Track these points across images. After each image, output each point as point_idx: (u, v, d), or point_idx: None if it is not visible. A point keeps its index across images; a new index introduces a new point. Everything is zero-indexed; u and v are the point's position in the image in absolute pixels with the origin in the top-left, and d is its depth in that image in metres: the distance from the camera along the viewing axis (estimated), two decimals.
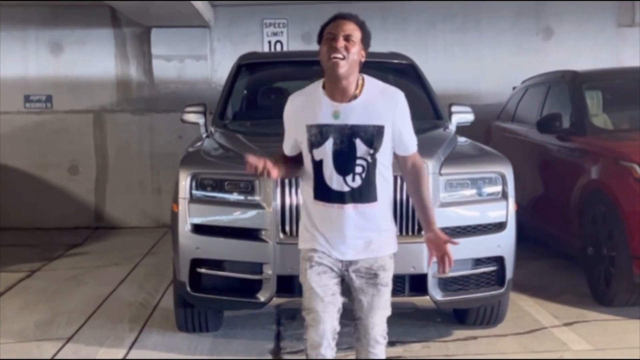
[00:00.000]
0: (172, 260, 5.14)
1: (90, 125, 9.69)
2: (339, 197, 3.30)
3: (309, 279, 3.39)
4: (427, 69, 6.95)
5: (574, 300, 6.03)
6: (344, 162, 3.27)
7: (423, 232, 4.53)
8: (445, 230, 4.68)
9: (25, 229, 9.32)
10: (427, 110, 6.32)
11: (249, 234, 4.71)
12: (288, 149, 3.51)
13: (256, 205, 4.69)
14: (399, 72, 6.77)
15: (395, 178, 4.55)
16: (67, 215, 9.61)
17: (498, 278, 4.95)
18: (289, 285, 4.67)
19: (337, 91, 3.27)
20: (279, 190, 4.63)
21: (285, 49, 9.60)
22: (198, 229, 4.81)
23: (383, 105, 3.30)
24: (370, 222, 3.35)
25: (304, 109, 3.35)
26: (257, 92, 6.78)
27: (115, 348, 5.05)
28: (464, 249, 4.78)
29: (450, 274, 4.79)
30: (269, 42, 9.67)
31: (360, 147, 3.26)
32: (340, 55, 3.20)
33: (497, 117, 8.89)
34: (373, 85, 3.35)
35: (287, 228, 4.63)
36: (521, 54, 9.73)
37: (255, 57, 7.33)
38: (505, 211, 4.91)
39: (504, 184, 4.93)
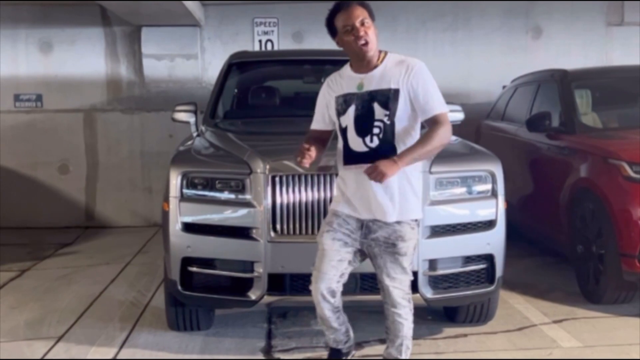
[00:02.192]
0: (163, 259, 5.14)
1: (81, 125, 9.68)
2: (359, 158, 3.66)
3: (323, 241, 3.81)
4: None
5: (563, 298, 6.06)
6: (364, 124, 3.65)
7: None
8: (436, 227, 4.76)
9: (16, 228, 9.30)
10: None
11: (240, 232, 4.71)
12: (317, 122, 3.96)
13: (247, 204, 4.69)
14: None
15: None
16: (58, 214, 9.59)
17: (488, 276, 4.97)
18: (280, 283, 4.69)
19: (361, 65, 3.77)
20: (269, 188, 4.63)
21: (276, 48, 9.61)
22: (189, 227, 4.80)
23: (398, 72, 3.70)
24: (388, 185, 3.62)
25: (335, 85, 3.85)
26: (247, 91, 6.78)
27: (106, 347, 5.04)
28: (454, 247, 4.85)
29: (441, 271, 4.83)
30: (260, 41, 9.67)
31: (378, 110, 3.65)
32: (365, 42, 3.69)
33: (487, 116, 8.92)
34: (393, 58, 3.81)
35: (278, 226, 4.64)
36: (511, 52, 9.76)
37: (246, 56, 7.34)
38: (495, 209, 4.92)
39: (494, 182, 4.94)
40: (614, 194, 5.64)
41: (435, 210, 4.74)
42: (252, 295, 4.71)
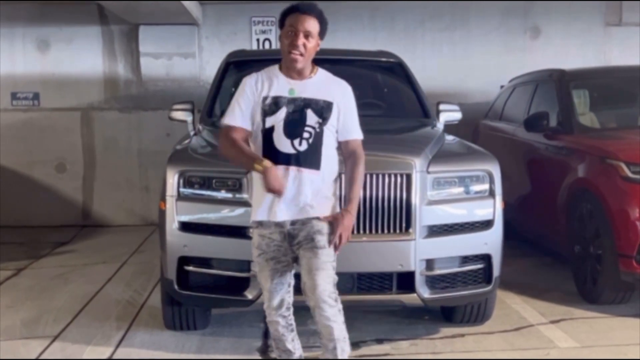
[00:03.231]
0: (159, 258, 5.12)
1: (78, 123, 9.66)
2: (285, 159, 3.69)
3: (259, 264, 3.88)
4: (415, 67, 6.96)
5: (560, 298, 6.05)
6: (294, 127, 3.71)
7: (410, 230, 4.63)
8: (433, 227, 4.76)
9: (12, 227, 9.27)
10: (415, 108, 6.34)
11: (237, 231, 4.70)
12: (242, 118, 3.81)
13: (244, 203, 4.68)
14: (387, 70, 6.79)
15: (384, 175, 4.61)
16: (54, 213, 9.57)
17: (485, 276, 4.97)
18: None
19: (293, 73, 3.78)
20: None
21: (273, 47, 9.59)
22: (186, 226, 4.80)
23: (333, 88, 3.83)
24: (310, 188, 3.70)
25: (261, 85, 3.80)
26: None
27: (102, 346, 5.03)
28: (451, 247, 4.84)
29: (438, 271, 4.82)
30: (258, 40, 9.66)
31: (311, 116, 3.72)
32: (299, 52, 3.68)
33: (485, 116, 8.92)
34: (325, 74, 3.88)
35: None
36: (509, 52, 9.76)
37: (244, 55, 7.32)
38: (492, 209, 4.92)
39: (491, 182, 4.94)
40: (611, 194, 5.64)
41: (432, 210, 4.73)
42: (249, 294, 4.70)
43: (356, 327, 4.85)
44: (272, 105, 3.74)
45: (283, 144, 3.71)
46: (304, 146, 3.71)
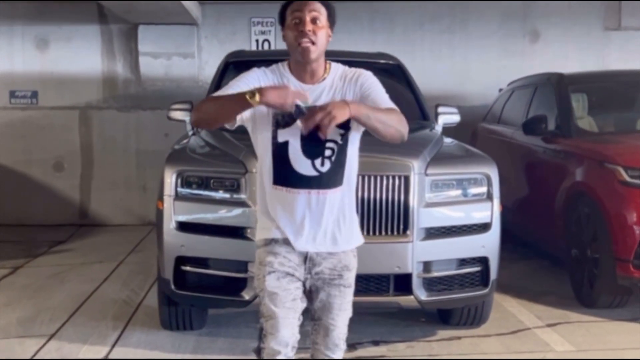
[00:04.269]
0: (156, 258, 5.12)
1: (76, 122, 9.65)
2: (305, 182, 3.07)
3: (268, 285, 3.12)
4: (414, 69, 6.96)
5: (557, 302, 6.05)
6: (315, 145, 3.04)
7: (408, 232, 4.63)
8: (431, 229, 4.76)
9: (9, 225, 9.25)
10: (414, 110, 6.33)
11: (234, 232, 4.70)
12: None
13: (242, 203, 4.68)
14: (386, 72, 6.76)
15: (381, 177, 4.61)
16: (52, 211, 9.55)
17: (482, 278, 4.97)
18: None
19: (305, 74, 3.13)
20: None
21: (272, 48, 9.59)
22: (183, 226, 4.79)
23: (348, 83, 3.14)
24: (334, 210, 3.11)
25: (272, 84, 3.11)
26: None
27: (98, 345, 5.02)
28: (448, 249, 4.84)
29: (435, 274, 4.82)
30: (257, 41, 9.65)
31: (330, 127, 2.92)
32: (309, 40, 3.03)
33: (484, 119, 8.92)
34: (338, 69, 3.21)
35: None
36: (508, 56, 9.77)
37: (243, 55, 7.31)
38: (490, 212, 4.92)
39: (489, 185, 4.94)
40: (609, 198, 5.64)
41: (430, 212, 4.74)
42: (246, 295, 4.70)
43: (352, 329, 4.79)
44: (285, 116, 3.03)
45: (302, 164, 3.06)
46: (326, 166, 3.07)
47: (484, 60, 9.74)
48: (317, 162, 3.07)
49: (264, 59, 7.46)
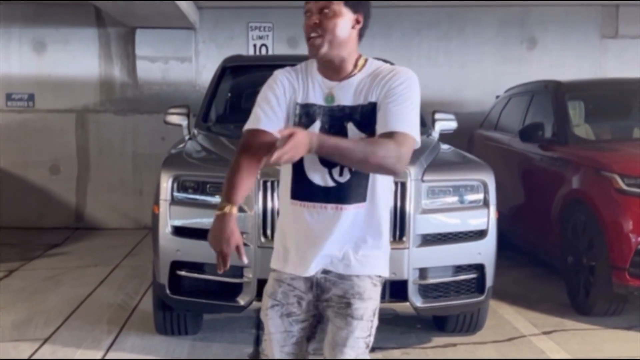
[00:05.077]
0: (152, 262, 5.11)
1: (73, 125, 9.63)
2: (321, 195, 2.67)
3: (269, 322, 2.79)
4: None
5: (553, 309, 6.05)
6: None
7: (404, 238, 4.62)
8: (427, 236, 4.75)
9: (5, 228, 9.22)
10: None
11: None
12: (267, 119, 2.74)
13: (237, 209, 4.66)
14: None
15: None
16: (47, 215, 9.54)
17: (478, 285, 4.96)
18: None
19: (328, 70, 2.73)
20: (260, 193, 4.62)
21: (270, 52, 9.60)
22: (179, 231, 4.79)
23: (377, 83, 2.68)
24: (354, 230, 2.69)
25: (295, 85, 2.78)
26: (241, 95, 6.77)
27: (92, 350, 5.01)
28: (444, 256, 4.84)
29: (431, 280, 4.82)
30: (254, 46, 9.66)
31: (353, 132, 2.65)
32: (315, 33, 2.65)
33: (480, 125, 8.92)
34: (375, 65, 2.76)
35: (269, 232, 4.62)
36: (505, 62, 9.77)
37: (240, 60, 7.33)
38: (486, 219, 4.92)
39: (486, 191, 4.94)
40: (605, 206, 5.64)
41: (426, 218, 4.73)
42: (241, 300, 4.69)
43: None
44: (303, 117, 2.70)
45: (317, 173, 2.66)
46: (345, 176, 2.65)
47: (481, 67, 9.75)
48: (335, 171, 2.66)
49: (261, 64, 7.52)
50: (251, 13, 9.62)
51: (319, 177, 2.68)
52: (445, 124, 6.23)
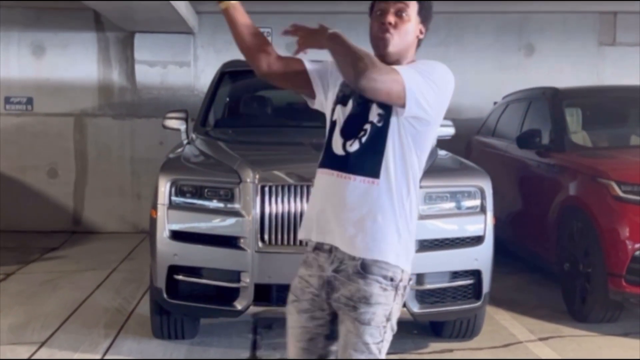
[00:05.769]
0: (149, 266, 5.11)
1: (71, 129, 9.64)
2: (332, 163, 2.76)
3: (288, 317, 2.85)
4: None
5: (549, 316, 6.06)
6: (353, 124, 2.75)
7: None
8: (424, 242, 4.76)
9: (2, 232, 9.22)
10: None
11: (228, 241, 4.70)
12: (312, 64, 3.04)
13: (235, 213, 4.68)
14: None
15: None
16: (45, 218, 9.53)
17: (475, 291, 4.97)
18: (267, 294, 4.68)
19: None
20: (258, 198, 4.63)
21: None
22: (176, 235, 4.79)
23: (410, 68, 2.78)
24: (362, 205, 2.67)
25: None
26: (239, 100, 6.79)
27: (89, 353, 5.01)
28: (441, 262, 4.84)
29: (428, 286, 4.82)
30: None
31: (373, 110, 2.73)
32: (388, 31, 2.76)
33: (478, 132, 8.94)
34: (419, 61, 2.91)
35: (266, 236, 4.63)
36: (503, 69, 9.79)
37: (239, 64, 7.30)
38: (483, 225, 4.93)
39: (483, 198, 4.95)
40: (602, 213, 5.66)
41: (423, 224, 4.73)
42: (238, 305, 4.69)
43: None
44: (345, 96, 2.84)
45: (337, 144, 2.78)
46: (355, 146, 2.72)
47: (479, 74, 9.75)
48: (349, 142, 2.75)
49: None
50: (250, 18, 9.61)
51: (337, 147, 2.77)
52: (443, 129, 6.20)
